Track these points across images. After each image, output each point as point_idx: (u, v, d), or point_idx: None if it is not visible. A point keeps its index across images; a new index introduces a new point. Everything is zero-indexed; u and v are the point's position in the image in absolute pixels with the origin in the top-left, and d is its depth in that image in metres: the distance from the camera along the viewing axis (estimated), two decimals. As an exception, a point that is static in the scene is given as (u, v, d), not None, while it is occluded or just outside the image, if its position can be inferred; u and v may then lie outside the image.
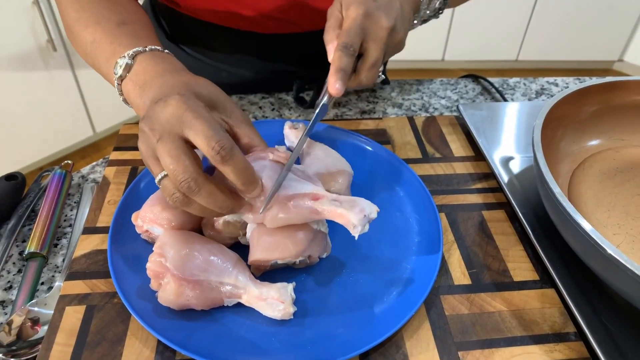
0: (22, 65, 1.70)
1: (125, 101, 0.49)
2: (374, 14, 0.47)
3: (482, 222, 0.53)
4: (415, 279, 0.46)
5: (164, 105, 0.39)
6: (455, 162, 0.61)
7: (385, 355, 0.41)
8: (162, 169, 0.38)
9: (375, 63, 0.48)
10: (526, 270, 0.49)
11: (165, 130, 0.38)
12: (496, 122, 0.65)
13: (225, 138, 0.37)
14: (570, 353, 0.42)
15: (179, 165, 0.37)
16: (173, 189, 0.38)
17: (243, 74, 0.75)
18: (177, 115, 0.38)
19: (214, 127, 0.38)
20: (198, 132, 0.37)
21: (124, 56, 0.46)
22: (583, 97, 0.56)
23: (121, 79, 0.47)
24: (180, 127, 0.38)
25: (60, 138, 1.94)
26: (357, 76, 0.49)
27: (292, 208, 0.42)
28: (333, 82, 0.45)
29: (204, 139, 0.37)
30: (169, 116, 0.38)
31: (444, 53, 2.59)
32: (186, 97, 0.39)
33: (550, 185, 0.44)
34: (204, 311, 0.42)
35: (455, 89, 0.78)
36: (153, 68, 0.46)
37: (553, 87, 0.80)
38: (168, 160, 0.37)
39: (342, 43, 0.46)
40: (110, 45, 0.49)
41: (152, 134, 0.38)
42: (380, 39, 0.47)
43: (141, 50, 0.47)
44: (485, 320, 0.44)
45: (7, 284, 0.48)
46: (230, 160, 0.37)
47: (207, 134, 0.37)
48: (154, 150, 0.38)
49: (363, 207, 0.41)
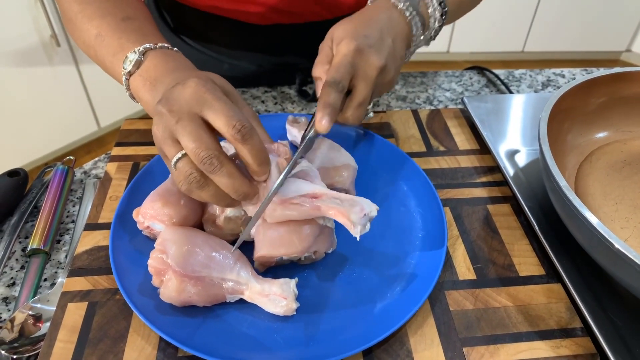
0: (25, 60, 1.70)
1: (132, 96, 0.49)
2: (364, 51, 0.46)
3: (487, 216, 0.53)
4: (419, 274, 0.45)
5: (183, 87, 0.39)
6: (459, 156, 0.60)
7: (388, 352, 0.41)
8: (178, 151, 0.38)
9: (363, 102, 0.47)
10: (532, 265, 0.48)
11: (184, 111, 0.38)
12: (501, 114, 0.64)
13: (245, 119, 0.38)
14: (576, 349, 0.41)
15: (201, 142, 0.37)
16: (190, 169, 0.38)
17: (245, 67, 0.74)
18: (197, 96, 0.38)
19: (233, 107, 0.38)
20: (218, 112, 0.37)
21: (134, 52, 0.46)
22: (590, 89, 0.55)
23: (130, 75, 0.47)
24: (199, 108, 0.38)
25: (65, 133, 1.94)
26: (344, 114, 0.48)
27: (292, 205, 0.41)
28: (320, 118, 0.44)
29: (225, 118, 0.37)
30: (189, 97, 0.38)
31: (449, 45, 2.57)
32: (204, 80, 0.39)
33: (556, 178, 0.43)
34: (206, 307, 0.42)
35: (460, 81, 0.77)
36: (164, 65, 0.46)
37: (560, 78, 0.79)
38: (189, 138, 0.37)
39: (331, 79, 0.45)
40: (118, 40, 0.48)
41: (170, 115, 0.38)
42: (370, 77, 0.47)
43: (151, 47, 0.47)
44: (491, 316, 0.43)
45: (10, 280, 0.48)
46: (250, 139, 0.38)
47: (228, 114, 0.37)
48: (172, 132, 0.38)
49: (363, 207, 0.41)
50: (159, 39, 0.49)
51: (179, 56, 0.48)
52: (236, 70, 0.74)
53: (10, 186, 0.55)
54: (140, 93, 0.46)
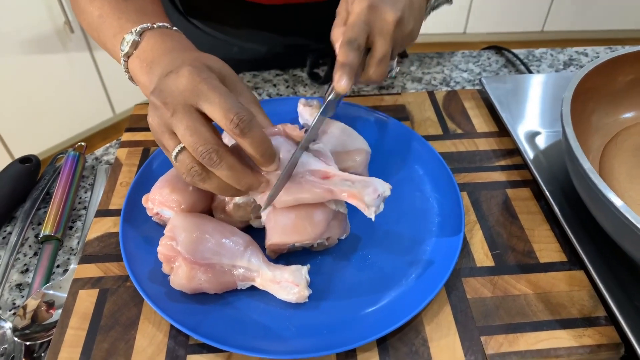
0: (40, 48, 1.71)
1: (131, 79, 0.48)
2: (378, 7, 0.45)
3: (506, 200, 0.51)
4: (435, 261, 0.44)
5: (176, 76, 0.37)
6: (477, 139, 0.58)
7: (403, 340, 0.40)
8: (177, 143, 0.37)
9: (383, 58, 0.46)
10: (553, 251, 0.46)
11: (179, 103, 0.36)
12: (521, 95, 0.62)
13: (244, 109, 0.36)
14: (600, 338, 0.40)
15: (199, 137, 0.36)
16: (191, 162, 0.37)
17: (255, 49, 0.73)
18: (191, 87, 0.36)
19: (230, 98, 0.36)
20: (214, 104, 0.36)
21: (131, 32, 0.45)
22: (616, 67, 0.52)
23: (127, 56, 0.46)
24: (195, 99, 0.36)
25: (80, 120, 1.95)
26: (366, 72, 0.46)
27: (302, 187, 0.40)
28: (338, 78, 0.43)
29: (221, 110, 0.36)
30: (183, 88, 0.37)
31: (466, 25, 2.51)
32: (199, 68, 0.38)
33: (580, 160, 0.41)
34: (217, 295, 0.41)
35: (477, 61, 0.74)
36: (161, 46, 0.44)
37: (582, 57, 0.76)
38: (186, 132, 0.36)
39: (347, 38, 0.44)
40: (118, 21, 0.47)
41: (165, 108, 0.37)
42: (387, 32, 0.45)
43: (149, 26, 0.45)
44: (510, 304, 0.42)
45: (23, 266, 0.48)
46: (249, 132, 0.36)
47: (224, 106, 0.36)
48: (168, 125, 0.37)
49: (376, 187, 0.39)
50: (160, 18, 0.47)
51: (178, 35, 0.47)
52: (246, 53, 0.73)
53: (23, 173, 0.55)
54: (138, 75, 0.45)
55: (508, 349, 0.39)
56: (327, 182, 0.40)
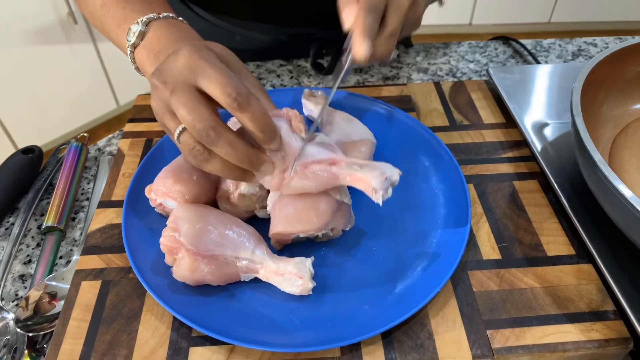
0: (43, 39, 1.70)
1: (138, 69, 0.47)
2: None
3: (514, 193, 0.50)
4: (441, 254, 0.43)
5: (175, 56, 0.37)
6: (484, 130, 0.57)
7: (409, 334, 0.39)
8: (178, 124, 0.37)
9: (394, 33, 0.45)
10: (561, 245, 0.46)
11: (177, 81, 0.36)
12: (529, 86, 0.61)
13: (241, 84, 0.36)
14: (608, 332, 0.39)
15: (196, 114, 0.35)
16: (192, 142, 0.37)
17: (258, 38, 0.72)
18: (190, 65, 0.36)
19: (228, 74, 0.36)
20: (212, 80, 0.35)
21: (137, 23, 0.44)
22: (628, 57, 0.51)
23: (134, 47, 0.45)
24: (193, 77, 0.36)
25: (84, 112, 1.95)
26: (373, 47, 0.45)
27: (309, 173, 0.40)
28: (359, 43, 0.41)
29: (219, 86, 0.35)
30: (181, 67, 0.36)
31: (472, 16, 2.48)
32: (197, 47, 0.37)
33: (590, 152, 0.40)
34: (220, 287, 0.41)
35: (484, 52, 0.73)
36: (168, 36, 0.44)
37: (591, 47, 0.74)
38: (184, 111, 0.35)
39: (369, 3, 0.42)
40: (122, 10, 0.47)
41: (164, 87, 0.36)
42: (402, 9, 0.44)
43: (155, 17, 0.45)
44: (516, 297, 0.41)
45: (26, 257, 0.48)
46: (247, 106, 0.35)
47: (222, 81, 0.35)
48: (168, 105, 0.37)
49: (384, 170, 0.39)
50: (165, 8, 0.47)
51: (184, 26, 0.46)
52: (249, 42, 0.72)
53: (25, 163, 0.55)
54: (145, 66, 0.45)
55: (515, 343, 0.39)
56: (334, 167, 0.40)
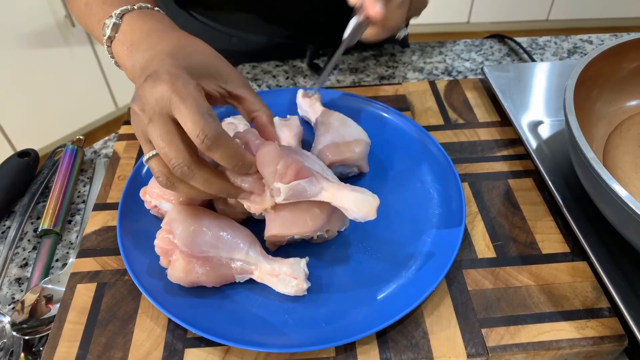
0: (41, 41, 1.70)
1: (117, 64, 0.46)
2: None
3: (508, 191, 0.50)
4: (436, 253, 0.43)
5: (153, 84, 0.36)
6: (479, 128, 0.57)
7: (403, 333, 0.39)
8: (151, 149, 0.37)
9: (404, 2, 0.44)
10: (556, 242, 0.46)
11: (155, 112, 0.36)
12: (524, 84, 0.61)
13: (210, 125, 0.35)
14: (603, 330, 0.39)
15: (171, 148, 0.35)
16: (159, 171, 0.37)
17: (254, 40, 0.72)
18: (166, 97, 0.36)
19: (200, 111, 0.35)
20: (185, 118, 0.35)
21: (111, 16, 0.44)
22: (622, 54, 0.51)
23: (110, 41, 0.44)
24: (168, 109, 0.36)
25: (83, 114, 1.95)
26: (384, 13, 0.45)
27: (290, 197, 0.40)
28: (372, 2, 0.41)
29: (190, 125, 0.35)
30: (158, 97, 0.36)
31: (470, 14, 2.48)
32: (175, 75, 0.37)
33: (583, 150, 0.40)
34: (215, 288, 0.41)
35: (480, 50, 0.73)
36: (140, 26, 0.43)
37: (587, 45, 0.74)
38: (160, 143, 0.36)
39: None
40: (102, 7, 0.46)
41: (142, 115, 0.37)
42: None
43: (129, 8, 0.45)
44: (511, 296, 0.42)
45: (22, 261, 0.48)
46: (216, 148, 0.36)
47: (193, 119, 0.35)
48: (145, 132, 0.37)
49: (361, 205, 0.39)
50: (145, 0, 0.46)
51: (158, 15, 0.45)
52: (245, 44, 0.72)
53: (21, 167, 0.55)
54: (121, 59, 0.44)
55: (509, 341, 0.39)
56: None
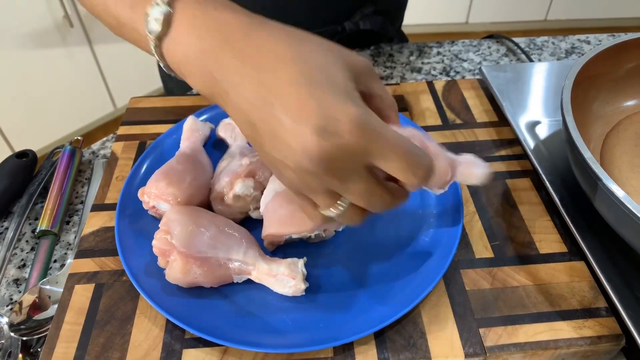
0: (40, 42, 1.70)
1: (169, 67, 0.35)
2: None
3: (506, 191, 0.50)
4: (433, 253, 0.43)
5: (339, 138, 0.29)
6: (477, 129, 0.58)
7: (401, 333, 0.39)
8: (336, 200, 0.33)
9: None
10: (553, 242, 0.46)
11: (350, 170, 0.31)
12: (522, 84, 0.61)
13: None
14: (600, 329, 0.39)
15: (374, 199, 0.33)
16: (357, 218, 0.35)
17: None
18: (363, 149, 0.30)
19: (406, 151, 0.31)
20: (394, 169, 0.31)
21: (157, 4, 0.32)
22: (619, 54, 0.51)
23: (159, 40, 0.33)
24: (367, 159, 0.31)
25: (81, 115, 1.95)
26: None
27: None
28: None
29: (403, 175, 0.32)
30: (352, 152, 0.30)
31: (468, 15, 2.48)
32: (361, 118, 0.30)
33: (580, 150, 0.40)
34: (213, 288, 0.41)
35: (478, 50, 0.73)
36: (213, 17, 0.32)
37: (585, 45, 0.74)
38: (363, 197, 0.33)
39: None
40: None
41: (330, 177, 0.31)
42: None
43: None
44: (509, 296, 0.42)
45: (20, 262, 0.48)
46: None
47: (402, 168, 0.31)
48: (330, 189, 0.33)
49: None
50: None
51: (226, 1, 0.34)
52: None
53: (19, 168, 0.55)
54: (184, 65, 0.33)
55: (507, 340, 0.39)
56: None
